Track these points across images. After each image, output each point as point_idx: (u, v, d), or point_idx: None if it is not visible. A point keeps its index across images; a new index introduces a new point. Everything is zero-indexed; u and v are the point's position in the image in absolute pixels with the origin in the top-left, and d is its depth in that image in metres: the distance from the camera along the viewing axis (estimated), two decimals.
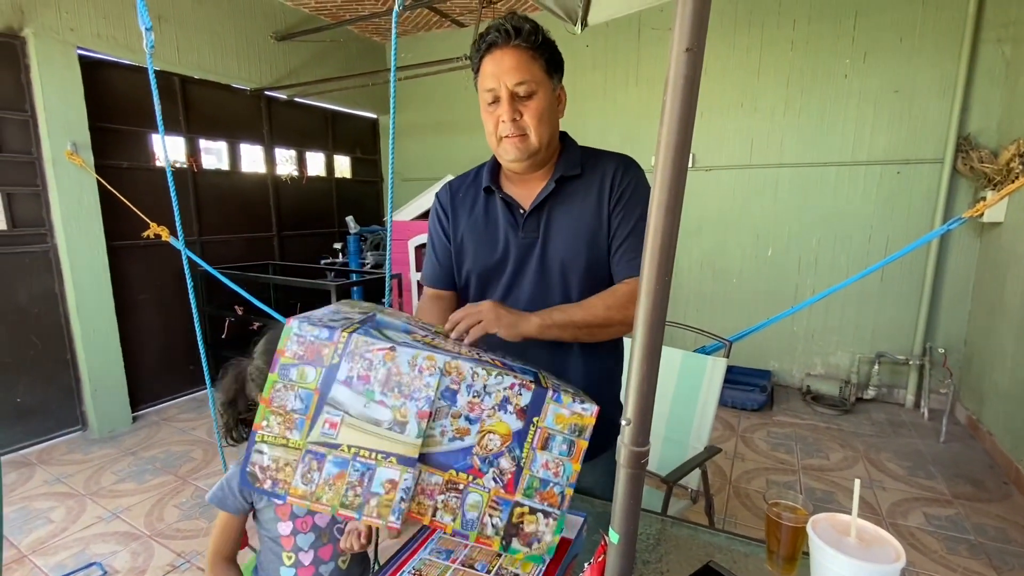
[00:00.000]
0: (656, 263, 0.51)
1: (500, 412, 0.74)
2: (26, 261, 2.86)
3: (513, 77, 0.96)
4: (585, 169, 1.07)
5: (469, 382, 0.74)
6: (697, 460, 1.59)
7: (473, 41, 1.01)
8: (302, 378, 0.71)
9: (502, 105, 0.98)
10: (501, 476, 0.74)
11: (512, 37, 0.96)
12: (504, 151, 1.02)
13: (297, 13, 4.16)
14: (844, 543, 0.73)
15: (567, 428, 0.75)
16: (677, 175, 0.49)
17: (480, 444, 0.73)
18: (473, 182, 1.15)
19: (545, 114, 1.00)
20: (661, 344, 0.54)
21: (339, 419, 0.70)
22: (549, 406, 0.75)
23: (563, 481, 0.75)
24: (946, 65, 3.15)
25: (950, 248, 3.31)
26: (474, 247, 1.11)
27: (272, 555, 1.01)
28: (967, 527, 2.21)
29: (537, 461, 0.74)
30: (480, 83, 1.02)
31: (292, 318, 0.72)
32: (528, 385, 0.75)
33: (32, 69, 2.75)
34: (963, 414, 3.21)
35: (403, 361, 0.72)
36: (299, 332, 0.72)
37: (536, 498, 0.74)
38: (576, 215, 1.05)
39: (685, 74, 0.47)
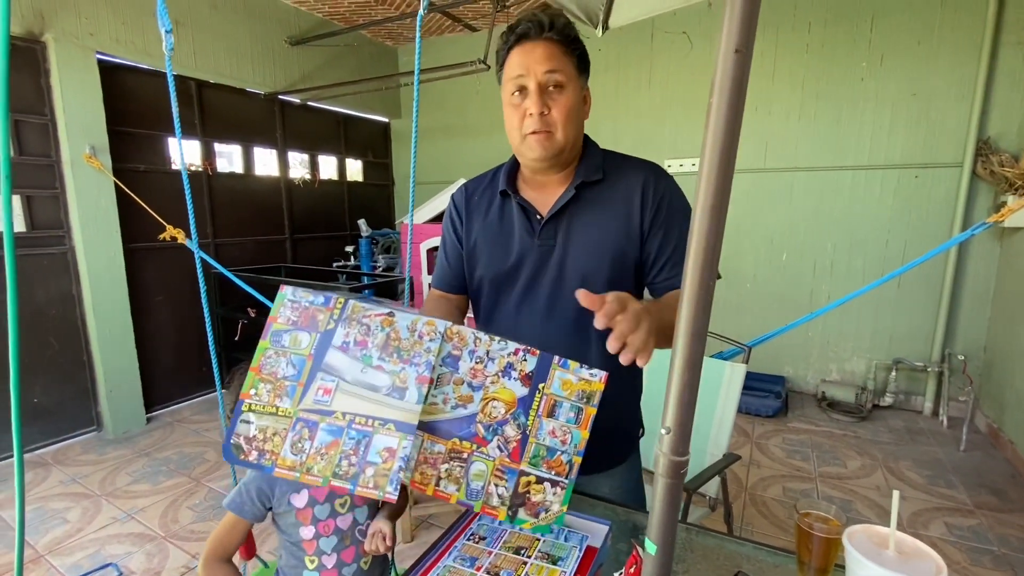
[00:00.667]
0: (700, 268, 0.50)
1: (504, 378, 0.72)
2: (44, 263, 2.89)
3: (544, 65, 0.91)
4: (607, 175, 1.01)
5: (471, 348, 0.72)
6: (717, 467, 1.57)
7: (501, 34, 0.97)
8: (295, 344, 0.68)
9: (530, 97, 0.92)
10: (506, 444, 0.71)
11: (546, 29, 0.92)
12: (528, 148, 0.97)
13: (311, 18, 4.19)
14: (883, 556, 0.71)
15: (574, 395, 0.73)
16: (723, 178, 0.48)
17: (484, 412, 0.71)
18: (489, 184, 1.10)
19: (574, 111, 0.95)
20: (703, 352, 0.53)
21: (334, 385, 0.68)
22: (555, 372, 0.73)
23: (571, 449, 0.72)
24: (965, 68, 3.11)
25: (969, 253, 3.25)
26: (488, 252, 1.07)
27: (295, 560, 1.01)
28: (990, 538, 2.16)
29: (543, 429, 0.72)
30: (505, 74, 0.96)
31: (285, 286, 0.71)
32: (533, 351, 0.73)
33: (52, 73, 2.79)
34: (983, 422, 3.15)
35: (402, 326, 0.70)
36: (293, 298, 0.70)
37: (543, 467, 0.72)
38: (600, 226, 1.00)
39: (733, 75, 0.45)
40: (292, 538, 1.00)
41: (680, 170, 3.93)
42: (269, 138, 4.18)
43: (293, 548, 1.00)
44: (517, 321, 1.04)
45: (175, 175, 3.53)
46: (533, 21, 0.92)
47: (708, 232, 0.49)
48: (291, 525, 0.99)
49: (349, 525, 1.01)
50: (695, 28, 3.78)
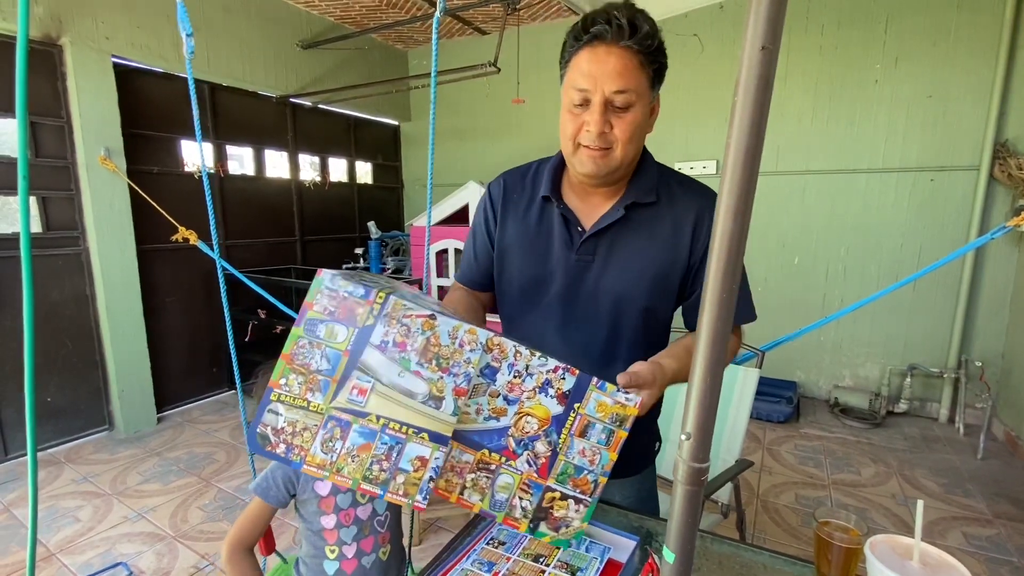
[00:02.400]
0: (723, 272, 0.49)
1: (540, 395, 0.71)
2: (59, 263, 2.93)
3: (614, 83, 0.81)
4: (661, 196, 0.93)
5: (511, 361, 0.70)
6: (730, 474, 1.55)
7: (575, 25, 0.85)
8: (331, 336, 0.65)
9: (592, 111, 0.83)
10: (535, 460, 0.71)
11: (625, 35, 0.80)
12: (580, 162, 0.89)
13: (322, 21, 4.22)
14: (907, 568, 0.70)
15: (608, 417, 0.72)
16: (747, 179, 0.47)
17: (516, 426, 0.70)
18: (532, 183, 1.02)
19: (637, 131, 0.86)
20: (724, 356, 0.51)
21: (369, 386, 0.65)
22: (592, 393, 0.72)
23: (598, 470, 0.73)
24: (982, 70, 3.06)
25: (987, 257, 3.20)
26: (521, 257, 1.00)
27: (315, 549, 1.01)
28: (1010, 548, 2.11)
29: (574, 448, 0.72)
30: (568, 77, 0.86)
31: (323, 270, 0.66)
32: (572, 370, 0.72)
33: (68, 77, 2.83)
34: (1001, 430, 3.09)
35: (443, 332, 0.66)
36: (331, 286, 0.65)
37: (569, 484, 0.72)
38: (644, 251, 0.93)
39: (759, 73, 0.44)
40: (313, 527, 1.00)
41: (691, 173, 3.89)
42: (280, 140, 4.21)
43: (314, 538, 1.01)
44: (543, 331, 0.99)
45: (188, 177, 3.56)
46: (611, 21, 0.80)
47: (731, 236, 0.48)
48: (313, 513, 1.00)
49: (369, 515, 1.03)
50: (707, 30, 3.76)
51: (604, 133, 0.84)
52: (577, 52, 0.84)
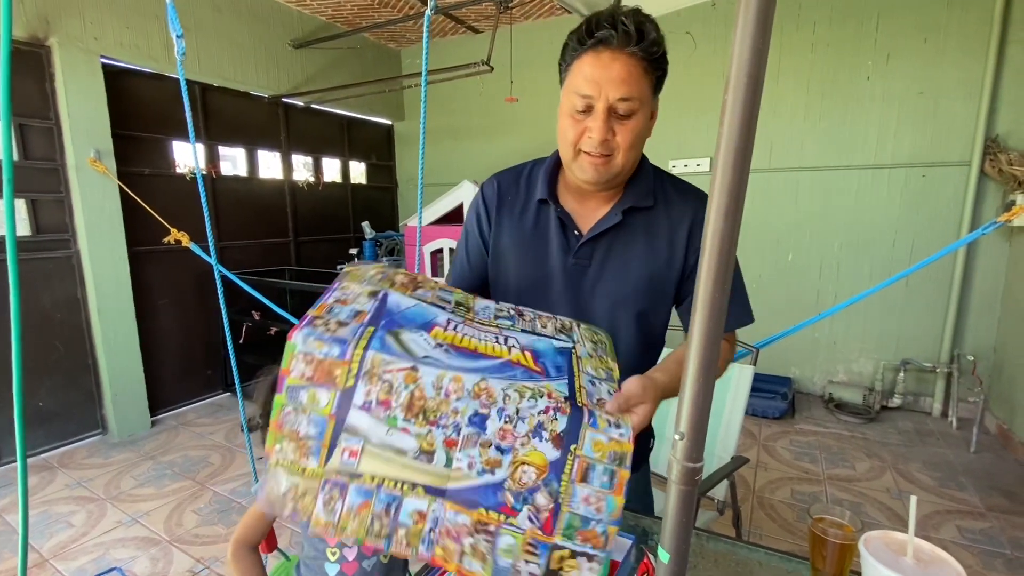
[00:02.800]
0: (715, 270, 0.49)
1: (535, 440, 0.65)
2: (49, 267, 2.90)
3: (619, 90, 0.80)
4: (657, 200, 0.94)
5: (500, 405, 0.65)
6: (725, 471, 1.56)
7: (578, 27, 0.83)
8: (314, 402, 0.63)
9: (595, 118, 0.83)
10: (537, 515, 0.63)
11: (632, 41, 0.79)
12: (580, 168, 0.88)
13: (314, 21, 4.19)
14: (901, 563, 0.70)
15: (606, 457, 0.66)
16: (738, 178, 0.46)
17: (513, 478, 0.64)
18: (526, 185, 1.00)
19: (639, 137, 0.87)
20: (718, 355, 0.51)
21: (359, 447, 0.63)
22: (586, 432, 0.67)
23: (606, 518, 0.65)
24: (972, 66, 3.08)
25: (978, 252, 3.22)
26: (517, 261, 0.99)
27: (315, 551, 1.01)
28: (1003, 541, 2.13)
29: (577, 496, 0.64)
30: (570, 82, 0.85)
31: (295, 330, 0.64)
32: (563, 408, 0.67)
33: (57, 77, 2.80)
34: (993, 423, 3.11)
35: (427, 383, 0.64)
36: (305, 349, 0.63)
37: (577, 539, 0.64)
38: (641, 255, 0.93)
39: (749, 72, 0.44)
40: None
41: (684, 170, 3.91)
42: (273, 141, 4.19)
43: (315, 540, 1.01)
44: None
45: (179, 179, 3.54)
46: (617, 27, 0.79)
47: (723, 234, 0.48)
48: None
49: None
50: (699, 28, 3.76)
51: (607, 140, 0.84)
52: (580, 56, 0.83)
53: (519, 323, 0.81)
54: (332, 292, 0.75)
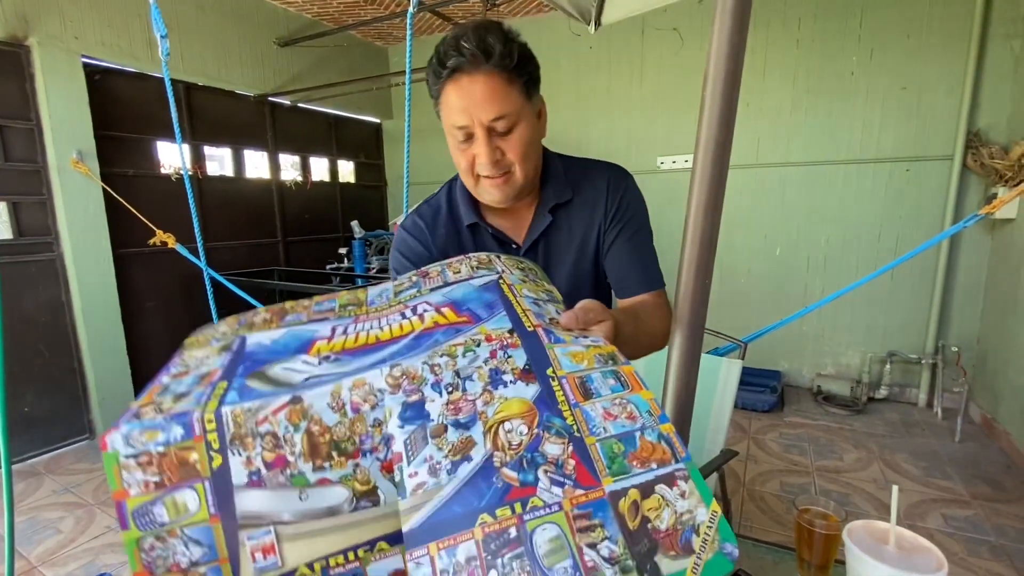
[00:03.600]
0: (695, 265, 0.49)
1: (498, 389, 0.48)
2: (32, 270, 2.85)
3: (488, 111, 0.79)
4: (575, 191, 0.96)
5: (432, 379, 0.48)
6: (714, 464, 1.57)
7: (429, 59, 0.82)
8: (180, 512, 0.43)
9: (478, 144, 0.82)
10: (562, 470, 0.43)
11: (481, 61, 0.77)
12: (485, 192, 0.88)
13: (299, 19, 4.16)
14: (883, 552, 0.71)
15: (595, 361, 0.50)
16: (718, 174, 0.47)
17: (498, 446, 0.45)
18: (449, 215, 0.98)
19: (530, 146, 0.86)
20: (700, 349, 0.52)
21: (271, 538, 0.43)
22: (555, 350, 0.51)
23: (647, 420, 0.46)
24: (954, 61, 3.12)
25: (961, 245, 3.27)
26: None
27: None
28: (987, 528, 2.17)
29: (593, 417, 0.46)
30: (445, 116, 0.84)
31: (105, 438, 0.44)
32: (512, 342, 0.51)
33: (37, 78, 2.75)
34: (977, 413, 3.17)
35: (321, 408, 0.46)
36: (132, 452, 0.43)
37: (634, 465, 0.43)
38: (577, 245, 0.97)
39: (727, 68, 0.45)
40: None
41: (673, 167, 3.93)
42: (259, 140, 4.15)
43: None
44: None
45: (164, 179, 3.50)
46: (464, 51, 0.77)
47: (703, 229, 0.48)
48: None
49: None
50: (686, 24, 3.78)
51: (498, 161, 0.83)
52: (442, 88, 0.82)
53: (426, 284, 0.65)
54: (164, 371, 0.55)
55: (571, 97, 4.26)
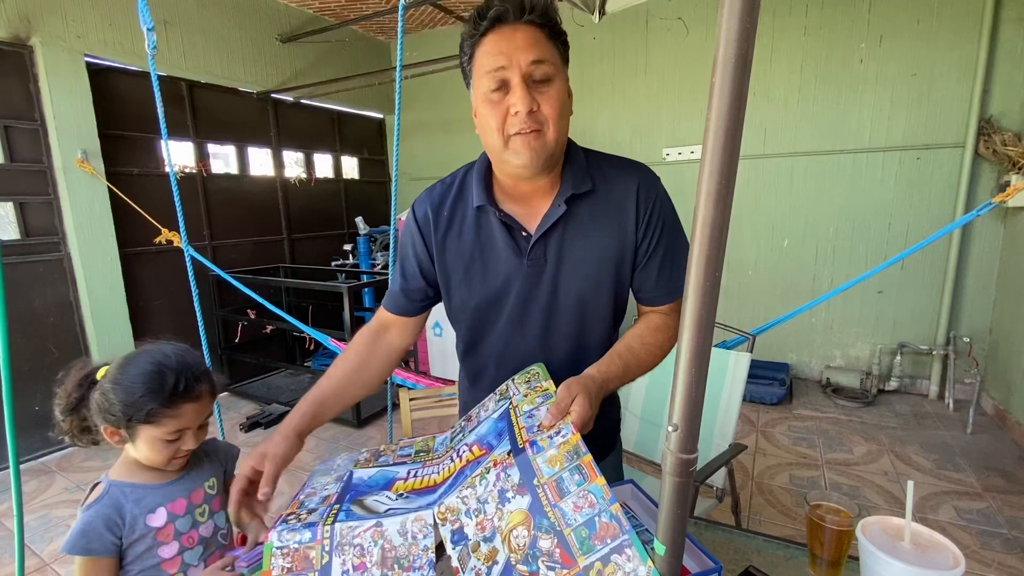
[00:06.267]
0: (705, 258, 0.47)
1: (505, 506, 0.67)
2: (40, 270, 2.87)
3: (529, 53, 0.77)
4: (596, 183, 0.90)
5: (464, 509, 0.68)
6: (723, 458, 1.56)
7: (468, 18, 0.81)
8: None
9: (514, 92, 0.78)
10: (552, 558, 0.64)
11: (526, 11, 0.77)
12: (514, 153, 0.82)
13: (301, 14, 4.14)
14: (899, 548, 0.70)
15: (564, 460, 0.67)
16: (728, 162, 0.45)
17: (511, 549, 0.65)
18: (459, 195, 0.94)
19: (564, 108, 0.83)
20: (710, 346, 0.50)
21: None
22: (537, 460, 0.68)
23: (602, 505, 0.64)
24: (966, 46, 3.06)
25: (973, 234, 3.22)
26: (469, 276, 0.94)
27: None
28: (1000, 521, 2.15)
29: (567, 512, 0.65)
30: (479, 65, 0.80)
31: (271, 530, 0.69)
32: (509, 462, 0.68)
33: (40, 78, 2.76)
34: (990, 404, 3.13)
35: (393, 533, 0.67)
36: (280, 544, 0.68)
37: (596, 544, 0.63)
38: (595, 242, 0.90)
39: (737, 53, 0.43)
40: (146, 564, 0.95)
41: (679, 158, 3.89)
42: (263, 138, 4.15)
43: (152, 572, 0.96)
44: (507, 345, 0.97)
45: (168, 178, 3.50)
46: (510, 1, 0.78)
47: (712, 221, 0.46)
48: (148, 549, 0.94)
49: (212, 532, 1.02)
50: (691, 13, 3.73)
51: (532, 112, 0.79)
52: (480, 41, 0.80)
53: (468, 428, 0.86)
54: (303, 489, 0.81)
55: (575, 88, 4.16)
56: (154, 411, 0.89)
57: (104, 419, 0.91)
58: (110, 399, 0.89)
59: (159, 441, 0.92)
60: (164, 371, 0.91)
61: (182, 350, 0.99)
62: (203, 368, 0.99)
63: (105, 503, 0.92)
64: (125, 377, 0.90)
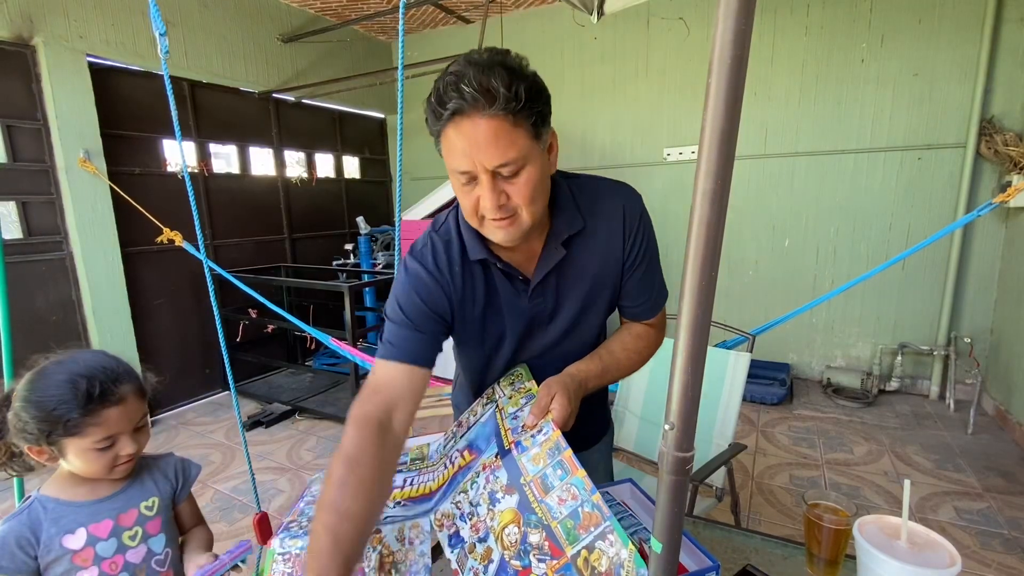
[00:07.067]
0: (701, 258, 0.48)
1: (496, 507, 0.70)
2: (42, 269, 2.88)
3: (491, 157, 0.73)
4: (587, 219, 0.90)
5: (459, 512, 0.72)
6: (722, 458, 1.56)
7: (428, 95, 0.76)
8: None
9: (482, 188, 0.76)
10: (542, 551, 0.67)
11: (484, 105, 0.70)
12: (491, 233, 0.82)
13: (302, 14, 4.15)
14: (895, 547, 0.70)
15: (547, 457, 0.70)
16: (724, 163, 0.45)
17: (504, 546, 0.68)
18: (463, 251, 0.91)
19: (537, 188, 0.78)
20: (706, 345, 0.51)
21: None
22: (522, 460, 0.71)
23: (585, 496, 0.67)
24: (967, 46, 3.06)
25: (974, 234, 3.22)
26: (481, 326, 0.95)
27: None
28: (1000, 521, 2.14)
29: (552, 506, 0.68)
30: (447, 157, 0.77)
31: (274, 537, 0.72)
32: (497, 464, 0.71)
33: (43, 77, 2.77)
34: (990, 404, 3.13)
35: (391, 540, 0.71)
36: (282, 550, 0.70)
37: (580, 533, 0.66)
38: (592, 273, 0.93)
39: (733, 53, 0.43)
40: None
41: (680, 158, 3.89)
42: (264, 137, 4.16)
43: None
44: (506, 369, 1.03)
45: (170, 177, 3.51)
46: (465, 94, 0.70)
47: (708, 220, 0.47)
48: (65, 573, 0.87)
49: (143, 557, 0.93)
50: (691, 13, 3.73)
51: (503, 205, 0.77)
52: (443, 130, 0.75)
53: (459, 434, 0.89)
54: (303, 498, 0.84)
55: (575, 89, 4.22)
56: (73, 421, 0.83)
57: (24, 439, 0.84)
58: (23, 418, 0.83)
59: (90, 452, 0.86)
60: (75, 379, 0.85)
61: (96, 354, 0.92)
62: (122, 369, 0.92)
63: (22, 519, 0.86)
64: (34, 392, 0.85)
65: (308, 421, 3.37)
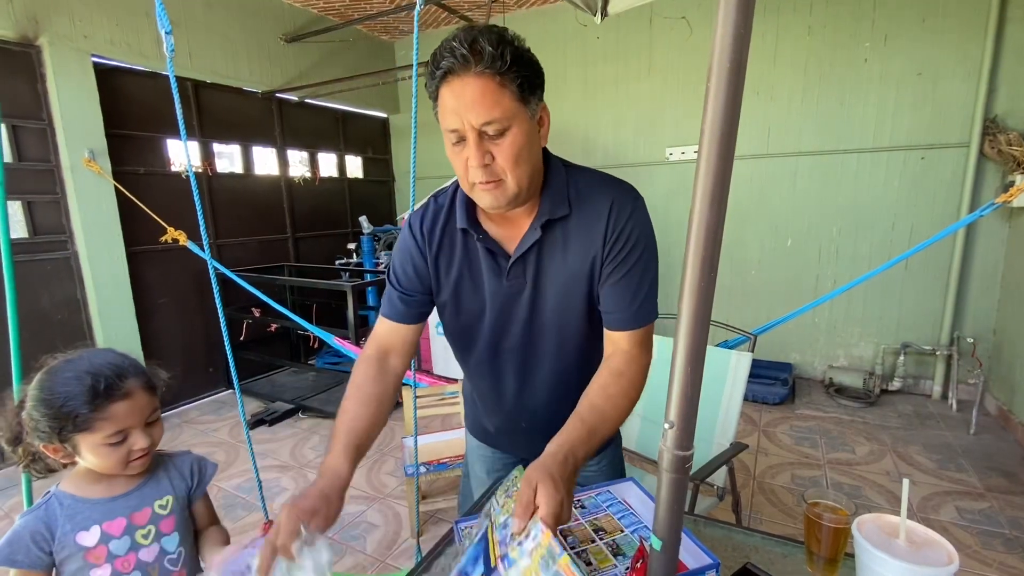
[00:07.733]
0: (700, 258, 0.48)
1: None
2: (48, 268, 2.90)
3: (478, 115, 0.77)
4: (574, 207, 0.91)
5: None
6: (724, 457, 1.56)
7: (428, 59, 0.81)
8: None
9: (469, 147, 0.80)
10: None
11: (472, 63, 0.75)
12: (479, 198, 0.86)
13: (305, 14, 4.16)
14: (893, 545, 0.70)
15: (540, 569, 0.60)
16: (723, 164, 0.46)
17: None
18: (450, 217, 0.96)
19: (523, 152, 0.81)
20: (705, 344, 0.51)
21: None
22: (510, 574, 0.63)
23: None
24: (971, 46, 3.05)
25: (977, 234, 3.21)
26: (456, 295, 0.99)
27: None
28: (1002, 521, 2.14)
29: None
30: (440, 118, 0.82)
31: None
32: None
33: (48, 78, 2.78)
34: (993, 405, 3.12)
35: None
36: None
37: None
38: (570, 263, 0.92)
39: (731, 58, 0.44)
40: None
41: (682, 158, 3.89)
42: (268, 137, 4.17)
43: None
44: (493, 357, 1.02)
45: (175, 177, 3.53)
46: (456, 53, 0.75)
47: (708, 220, 0.48)
48: (79, 570, 0.88)
49: (156, 556, 0.94)
50: (694, 12, 3.72)
51: (487, 166, 0.80)
52: (438, 92, 0.80)
53: (454, 566, 0.83)
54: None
55: (578, 88, 4.23)
56: (82, 417, 0.84)
57: (38, 437, 0.87)
58: (35, 416, 0.85)
59: (102, 447, 0.87)
60: (81, 375, 0.86)
61: (104, 352, 0.94)
62: (129, 365, 0.93)
63: (38, 514, 0.87)
64: (43, 391, 0.86)
65: (311, 420, 3.39)
